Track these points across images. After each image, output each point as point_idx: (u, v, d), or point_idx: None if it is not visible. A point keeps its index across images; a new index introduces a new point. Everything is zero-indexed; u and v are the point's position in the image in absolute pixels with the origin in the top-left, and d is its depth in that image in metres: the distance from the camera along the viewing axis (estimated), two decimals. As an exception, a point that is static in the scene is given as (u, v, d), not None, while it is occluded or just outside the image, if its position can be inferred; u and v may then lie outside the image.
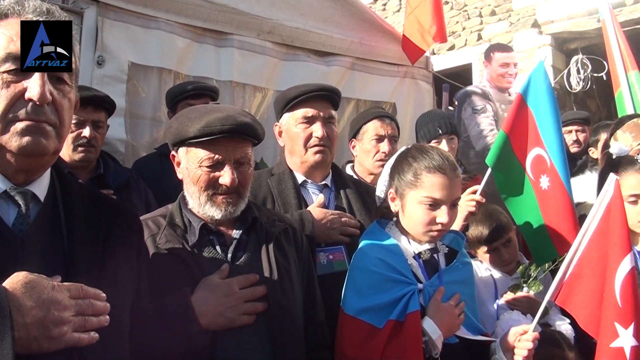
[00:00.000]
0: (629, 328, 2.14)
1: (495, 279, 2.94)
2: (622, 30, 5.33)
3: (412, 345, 2.11)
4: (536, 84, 2.79)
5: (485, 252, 3.01)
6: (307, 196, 2.79)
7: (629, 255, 2.19)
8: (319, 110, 2.74)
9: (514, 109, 2.85)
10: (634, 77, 5.00)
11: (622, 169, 2.80)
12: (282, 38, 4.92)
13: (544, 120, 2.73)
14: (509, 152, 2.80)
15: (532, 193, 2.76)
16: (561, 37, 9.02)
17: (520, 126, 2.80)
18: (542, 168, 2.71)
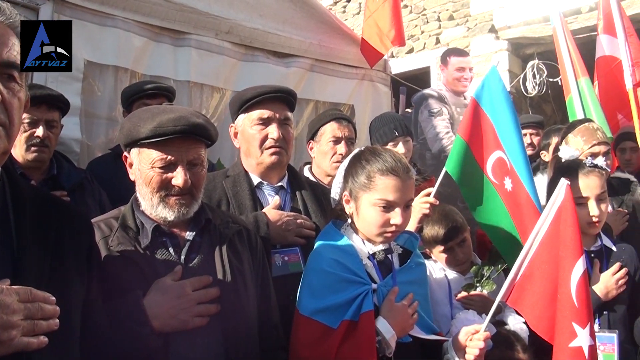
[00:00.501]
0: (586, 328, 2.20)
1: (449, 279, 2.99)
2: (572, 38, 5.46)
3: (366, 344, 2.13)
4: (490, 88, 2.82)
5: (441, 252, 3.04)
6: (262, 198, 2.78)
7: (581, 257, 2.25)
8: (274, 111, 2.74)
9: (470, 114, 2.88)
10: (584, 83, 5.12)
11: (571, 172, 2.87)
12: (241, 38, 4.90)
13: (502, 123, 2.76)
14: (469, 158, 2.83)
15: (496, 196, 2.79)
16: (517, 43, 9.21)
17: (477, 130, 2.83)
18: (504, 170, 2.75)
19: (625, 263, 2.92)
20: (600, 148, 3.50)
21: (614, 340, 2.72)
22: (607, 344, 2.71)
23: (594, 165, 2.89)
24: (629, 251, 3.02)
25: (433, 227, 3.02)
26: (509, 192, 2.73)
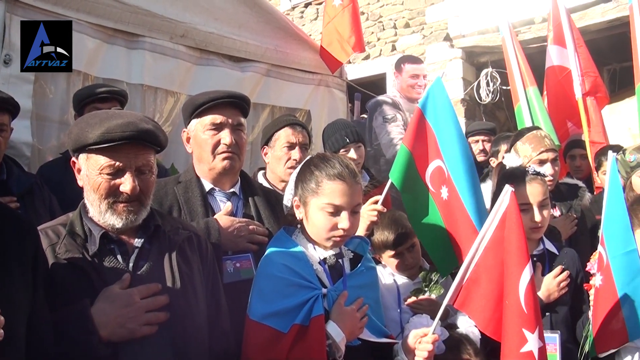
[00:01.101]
0: (535, 332, 2.26)
1: (398, 284, 3.02)
2: (521, 48, 5.60)
3: (316, 348, 2.15)
4: (435, 98, 2.85)
5: (391, 257, 3.07)
6: (214, 204, 2.76)
7: (529, 264, 2.30)
8: (227, 117, 2.72)
9: (414, 124, 2.91)
10: (532, 92, 5.25)
11: (515, 179, 2.94)
12: (196, 42, 4.87)
13: (443, 133, 2.80)
14: (411, 166, 2.86)
15: (433, 205, 2.82)
16: (472, 51, 9.40)
17: (420, 140, 2.87)
18: (442, 179, 2.78)
19: (567, 266, 3.00)
20: (549, 155, 3.57)
21: (556, 341, 2.81)
22: (550, 344, 2.77)
23: (536, 173, 2.97)
24: (571, 255, 3.11)
25: (383, 233, 3.05)
26: (445, 201, 2.77)
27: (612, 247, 2.76)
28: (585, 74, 5.35)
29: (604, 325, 2.76)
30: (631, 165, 3.67)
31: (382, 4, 10.18)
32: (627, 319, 2.70)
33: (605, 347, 2.82)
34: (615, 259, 2.74)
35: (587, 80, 5.34)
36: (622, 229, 2.74)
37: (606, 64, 9.85)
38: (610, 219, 2.79)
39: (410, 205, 2.90)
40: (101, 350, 1.93)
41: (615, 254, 2.74)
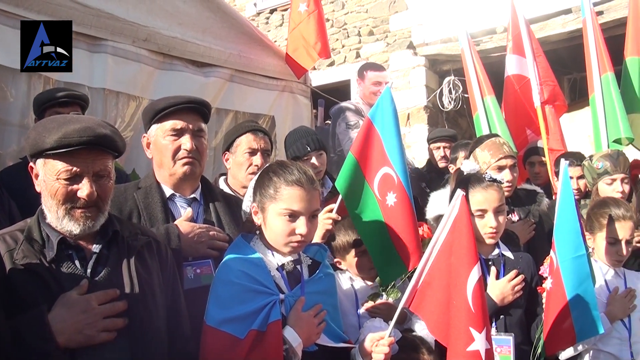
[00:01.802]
0: (482, 332, 2.30)
1: (356, 289, 3.03)
2: (479, 57, 5.73)
3: (273, 353, 2.16)
4: (383, 107, 2.87)
5: (355, 257, 3.07)
6: (175, 210, 2.75)
7: (477, 265, 2.36)
8: (188, 122, 2.71)
9: (363, 132, 2.93)
10: (489, 101, 5.38)
11: (471, 185, 2.99)
12: (159, 46, 4.84)
13: (389, 141, 2.82)
14: (357, 174, 2.88)
15: (378, 212, 2.84)
16: (434, 59, 9.53)
17: (368, 148, 2.89)
18: (390, 186, 2.80)
19: (521, 270, 3.05)
20: (507, 161, 3.63)
21: (510, 343, 2.86)
22: (504, 346, 2.85)
23: (493, 179, 3.01)
24: (526, 259, 3.16)
25: (346, 233, 3.06)
26: (390, 208, 2.79)
27: (562, 252, 2.84)
28: (544, 83, 5.49)
29: (554, 327, 2.84)
30: (598, 172, 3.78)
31: (347, 11, 10.26)
32: (576, 321, 2.79)
33: (555, 348, 2.91)
34: (564, 262, 2.83)
35: (545, 89, 5.48)
36: (573, 234, 2.83)
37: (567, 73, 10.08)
38: (561, 224, 2.87)
39: (356, 213, 2.91)
40: (58, 357, 1.91)
41: (565, 258, 2.83)
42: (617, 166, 3.75)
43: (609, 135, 4.76)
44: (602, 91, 4.88)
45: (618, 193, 3.68)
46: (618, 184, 3.74)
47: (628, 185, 3.80)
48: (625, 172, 3.77)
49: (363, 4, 10.14)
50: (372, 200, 2.86)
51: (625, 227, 3.10)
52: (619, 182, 3.74)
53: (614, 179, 3.76)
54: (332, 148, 5.42)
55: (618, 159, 3.78)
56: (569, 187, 2.89)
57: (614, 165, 3.76)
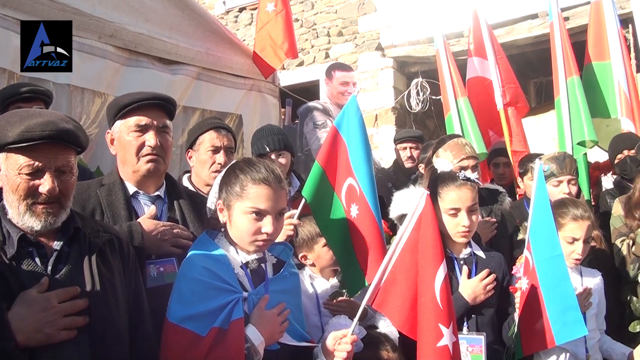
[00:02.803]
0: (449, 327, 2.34)
1: (316, 288, 3.05)
2: (454, 59, 5.76)
3: (234, 351, 2.15)
4: (349, 116, 2.86)
5: (323, 246, 3.07)
6: (138, 208, 2.71)
7: (443, 263, 2.39)
8: (152, 119, 2.68)
9: (329, 141, 2.91)
10: (462, 102, 5.43)
11: (445, 184, 3.01)
12: (125, 43, 4.79)
13: (354, 151, 2.81)
14: (324, 183, 2.86)
15: (345, 221, 2.83)
16: (403, 61, 9.61)
17: (334, 157, 2.87)
18: (353, 197, 2.79)
19: (493, 269, 3.08)
20: (469, 162, 3.66)
21: (482, 342, 2.88)
22: (476, 345, 2.87)
23: (466, 178, 3.02)
24: (498, 258, 3.19)
25: (310, 224, 3.07)
26: (354, 219, 2.78)
27: (538, 252, 2.85)
28: (506, 85, 5.58)
29: (531, 327, 2.86)
30: (545, 174, 3.83)
31: (316, 11, 10.29)
32: (553, 322, 2.77)
33: (531, 349, 2.93)
34: (541, 263, 2.83)
35: (507, 91, 5.57)
36: (548, 234, 2.83)
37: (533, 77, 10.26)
38: (536, 224, 2.88)
39: (323, 223, 2.90)
40: (17, 356, 1.87)
41: (541, 258, 2.83)
42: (563, 168, 3.82)
43: (574, 138, 4.85)
44: (567, 94, 4.97)
45: (564, 195, 3.74)
46: (564, 186, 3.81)
47: (575, 186, 3.88)
48: (571, 173, 3.83)
49: (332, 4, 10.18)
50: (340, 211, 2.85)
51: (583, 226, 3.16)
52: (565, 183, 3.81)
53: (560, 181, 3.82)
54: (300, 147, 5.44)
55: (564, 161, 3.85)
56: (543, 187, 2.90)
57: (560, 168, 3.82)
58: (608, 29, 5.38)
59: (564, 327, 2.75)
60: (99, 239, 2.18)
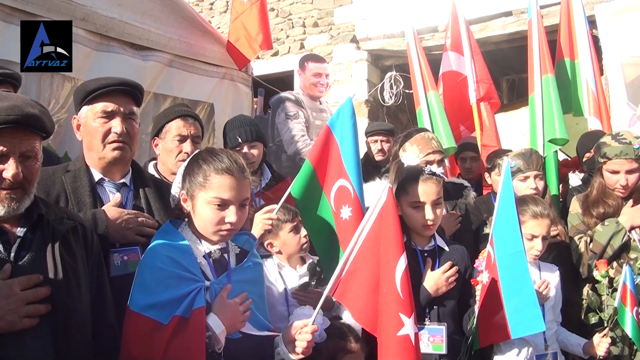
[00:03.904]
0: (411, 317, 2.37)
1: (284, 278, 3.09)
2: (424, 53, 5.82)
3: (196, 340, 2.16)
4: (344, 117, 2.87)
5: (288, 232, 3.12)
6: (103, 195, 2.69)
7: (403, 254, 2.41)
8: (119, 105, 2.66)
9: (322, 141, 2.92)
10: (432, 96, 5.47)
11: (410, 178, 3.04)
12: (96, 27, 4.70)
13: (348, 152, 2.81)
14: (314, 183, 2.87)
15: (333, 222, 2.83)
16: (377, 54, 9.65)
17: (325, 157, 2.88)
18: (345, 199, 2.79)
19: (456, 262, 3.13)
20: (435, 156, 3.72)
21: (443, 332, 2.95)
22: (437, 335, 2.94)
23: (432, 173, 3.06)
24: (460, 251, 3.25)
25: (281, 210, 3.11)
26: (344, 221, 2.79)
27: (500, 247, 2.90)
28: (480, 81, 5.64)
29: (489, 320, 2.94)
30: (512, 170, 3.90)
31: (292, 1, 10.26)
32: (510, 316, 2.84)
33: (488, 340, 3.01)
34: (502, 259, 2.89)
35: (481, 86, 5.62)
36: (512, 230, 2.89)
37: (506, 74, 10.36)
38: (500, 220, 2.93)
39: (310, 222, 2.91)
40: (-22, 344, 1.85)
41: (503, 254, 2.89)
42: (529, 164, 3.89)
43: (545, 135, 4.91)
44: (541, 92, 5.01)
45: (531, 190, 3.83)
46: (531, 181, 3.89)
47: (542, 182, 3.96)
48: (538, 169, 3.92)
49: (308, -6, 10.16)
50: (328, 212, 2.84)
51: (542, 224, 3.24)
52: (532, 179, 3.89)
53: (527, 177, 3.90)
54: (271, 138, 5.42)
55: (531, 158, 3.93)
56: (509, 183, 2.95)
57: (527, 164, 3.90)
58: (577, 29, 5.47)
59: (521, 322, 2.82)
60: (63, 226, 2.16)
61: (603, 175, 3.77)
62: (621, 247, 3.62)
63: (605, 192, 3.77)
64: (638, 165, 3.66)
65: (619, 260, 3.61)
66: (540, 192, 3.87)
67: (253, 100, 6.27)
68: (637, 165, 3.65)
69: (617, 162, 3.64)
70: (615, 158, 3.64)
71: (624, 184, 3.65)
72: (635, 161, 3.63)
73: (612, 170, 3.69)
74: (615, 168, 3.67)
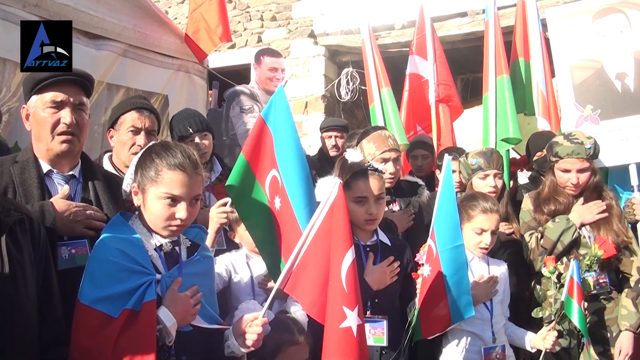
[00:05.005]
0: (354, 310, 2.40)
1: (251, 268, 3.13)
2: (379, 50, 5.89)
3: (146, 333, 2.15)
4: (276, 107, 2.80)
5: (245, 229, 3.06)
6: (52, 187, 2.64)
7: (351, 248, 2.45)
8: (69, 95, 2.61)
9: (255, 132, 2.87)
10: (386, 93, 5.54)
11: (353, 173, 3.08)
12: (50, 13, 4.59)
13: (280, 142, 2.76)
14: (248, 175, 2.82)
15: (270, 213, 2.81)
16: (335, 50, 9.68)
17: (259, 149, 2.83)
18: (276, 189, 2.77)
19: (397, 256, 3.17)
20: (391, 154, 3.75)
21: (384, 325, 2.99)
22: (378, 328, 2.98)
23: (374, 168, 3.11)
24: (402, 246, 3.30)
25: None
26: (278, 211, 2.78)
27: (441, 242, 3.00)
28: (441, 84, 5.74)
29: (431, 312, 3.02)
30: (472, 168, 3.99)
31: (251, -7, 10.19)
32: (451, 305, 2.98)
33: (431, 331, 3.08)
34: (444, 252, 2.99)
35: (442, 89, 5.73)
36: (452, 225, 2.99)
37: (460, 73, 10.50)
38: (441, 215, 3.02)
39: (244, 213, 2.89)
40: None
41: (444, 247, 2.99)
42: (490, 163, 3.98)
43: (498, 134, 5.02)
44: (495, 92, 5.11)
45: (491, 187, 3.92)
46: (491, 179, 3.97)
47: (501, 180, 4.05)
48: (497, 168, 4.01)
49: (267, -13, 10.11)
50: (264, 202, 2.81)
51: (491, 219, 3.32)
52: (492, 177, 3.98)
53: (487, 175, 3.99)
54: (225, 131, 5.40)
55: (491, 156, 4.02)
56: (450, 180, 3.03)
57: (487, 162, 3.98)
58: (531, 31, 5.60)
59: (458, 310, 3.01)
60: (10, 218, 2.11)
61: (555, 173, 3.87)
62: (571, 243, 3.72)
63: (557, 190, 3.87)
64: (589, 165, 3.76)
65: (569, 256, 3.70)
66: (499, 190, 3.96)
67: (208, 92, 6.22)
68: (588, 165, 3.76)
69: (569, 161, 3.74)
70: (567, 157, 3.74)
71: (575, 183, 3.76)
72: (587, 160, 3.73)
73: (564, 169, 3.79)
74: (567, 167, 3.77)
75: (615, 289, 3.77)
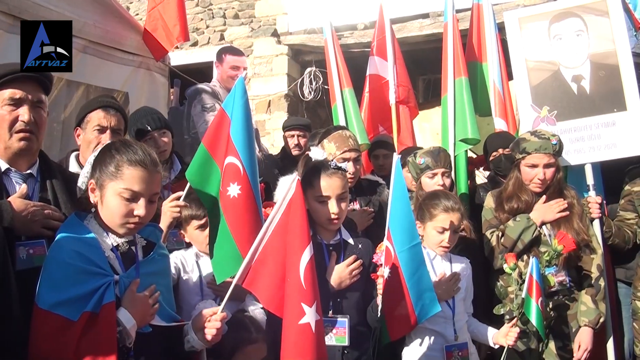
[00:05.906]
0: (312, 306, 2.44)
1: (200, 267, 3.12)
2: (341, 50, 5.93)
3: (106, 335, 2.14)
4: (235, 97, 2.85)
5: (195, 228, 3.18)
6: (9, 185, 2.60)
7: (309, 245, 2.49)
8: (27, 92, 2.58)
9: (216, 122, 2.91)
10: (347, 93, 5.60)
11: (316, 172, 3.08)
12: (9, 8, 4.48)
13: (237, 130, 2.80)
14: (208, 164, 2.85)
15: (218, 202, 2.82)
16: (298, 49, 9.71)
17: (219, 138, 2.86)
18: (234, 176, 2.78)
19: (360, 255, 3.18)
20: (351, 154, 3.81)
21: (345, 325, 3.01)
22: (340, 328, 3.00)
23: (337, 167, 3.12)
24: (366, 245, 3.30)
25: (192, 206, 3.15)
26: (232, 199, 2.77)
27: (398, 242, 3.00)
28: (400, 85, 5.81)
29: (395, 314, 3.03)
30: (421, 167, 4.06)
31: (213, -9, 10.13)
32: (415, 305, 2.99)
33: (398, 333, 3.12)
34: (402, 253, 2.99)
35: (401, 90, 5.79)
36: (408, 224, 3.01)
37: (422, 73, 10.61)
38: (395, 215, 3.02)
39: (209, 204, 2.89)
40: None
41: (402, 248, 2.99)
42: (437, 161, 4.05)
43: (457, 135, 5.10)
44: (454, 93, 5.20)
45: (439, 186, 3.98)
46: (439, 178, 4.04)
47: (449, 179, 4.13)
48: (445, 166, 4.08)
49: (229, -15, 10.07)
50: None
51: (453, 217, 3.36)
52: (440, 175, 4.05)
53: (435, 173, 4.05)
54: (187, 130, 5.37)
55: (439, 155, 4.09)
56: (401, 179, 3.04)
57: (435, 161, 4.05)
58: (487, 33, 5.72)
59: (423, 308, 3.01)
60: (-35, 219, 2.08)
61: (521, 170, 3.95)
62: (531, 241, 3.81)
63: (521, 187, 3.95)
64: (555, 161, 3.86)
65: (530, 253, 3.78)
66: (447, 188, 4.02)
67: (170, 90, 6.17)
68: (554, 161, 3.86)
69: (537, 156, 3.83)
70: (535, 152, 3.82)
71: (542, 178, 3.85)
72: (553, 156, 3.83)
73: (531, 164, 3.87)
74: (535, 162, 3.85)
75: (575, 287, 3.87)
